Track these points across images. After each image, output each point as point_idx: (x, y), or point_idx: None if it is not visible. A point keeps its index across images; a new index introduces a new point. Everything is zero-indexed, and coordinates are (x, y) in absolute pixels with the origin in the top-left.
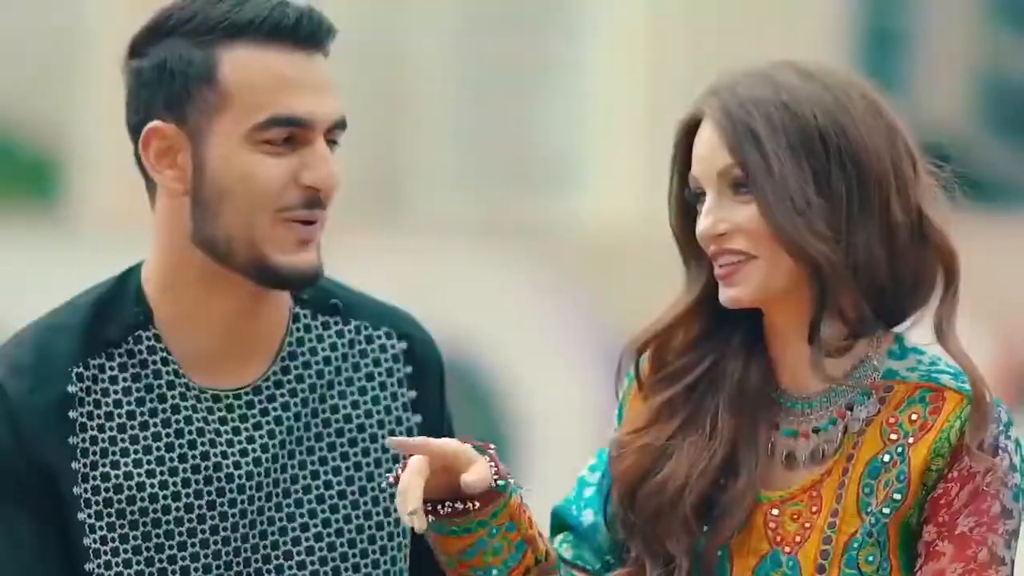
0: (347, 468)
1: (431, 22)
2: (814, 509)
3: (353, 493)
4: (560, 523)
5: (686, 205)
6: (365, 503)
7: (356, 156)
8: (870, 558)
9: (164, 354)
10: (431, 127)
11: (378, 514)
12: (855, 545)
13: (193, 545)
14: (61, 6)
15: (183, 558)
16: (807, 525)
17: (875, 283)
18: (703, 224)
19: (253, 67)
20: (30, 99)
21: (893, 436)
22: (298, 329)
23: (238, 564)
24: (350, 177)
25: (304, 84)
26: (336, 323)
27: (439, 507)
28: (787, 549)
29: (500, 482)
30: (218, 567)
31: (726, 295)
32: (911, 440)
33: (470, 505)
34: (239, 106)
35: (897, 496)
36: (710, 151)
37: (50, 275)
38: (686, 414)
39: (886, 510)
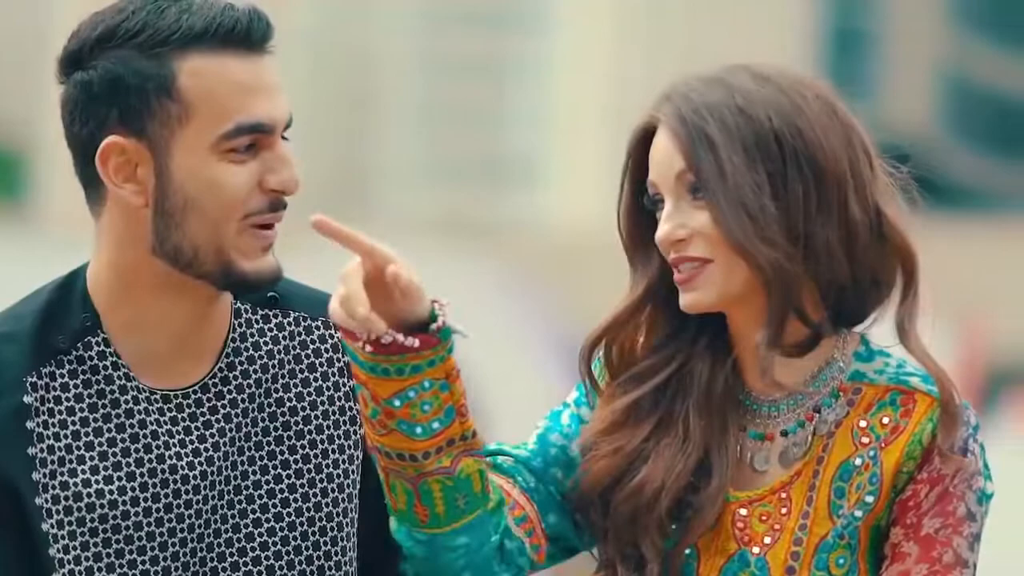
0: (295, 461)
1: (396, 20)
2: (783, 511)
3: (303, 485)
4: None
5: (636, 211)
6: (315, 495)
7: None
8: (840, 560)
9: (114, 358)
10: (396, 126)
11: (327, 505)
12: (826, 547)
13: (152, 548)
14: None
15: (143, 562)
16: (777, 527)
17: (835, 283)
18: (662, 230)
19: (211, 76)
20: None
21: (865, 439)
22: (240, 325)
23: (195, 564)
24: (315, 175)
25: (261, 88)
26: (275, 315)
27: (381, 338)
28: (756, 550)
29: (445, 328)
30: (176, 569)
31: (685, 300)
32: (883, 443)
33: (410, 341)
34: (202, 117)
35: (869, 499)
36: (666, 157)
37: (16, 273)
38: (658, 416)
39: (858, 513)
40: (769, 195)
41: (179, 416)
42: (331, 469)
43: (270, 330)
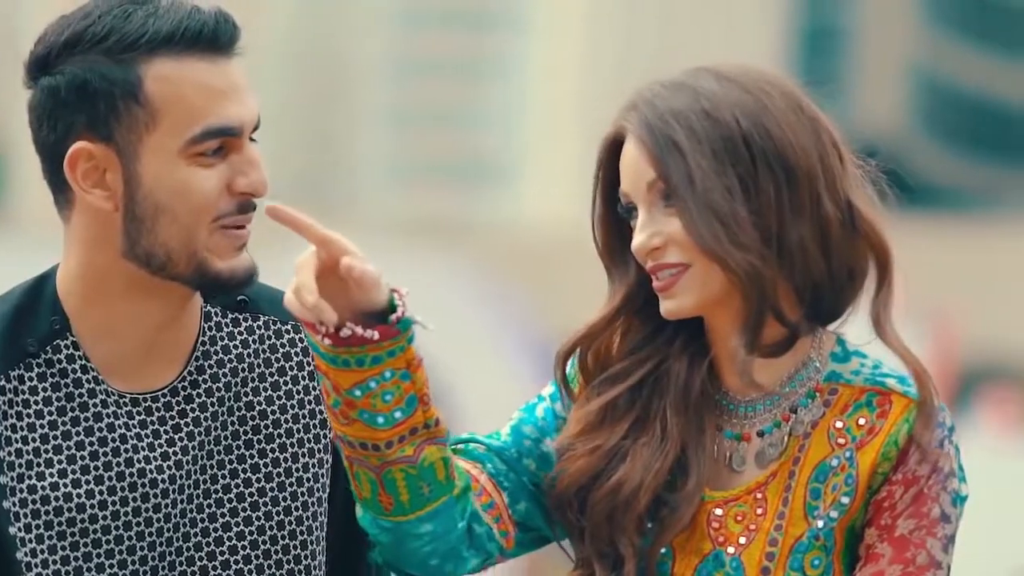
0: (265, 465)
1: (369, 21)
2: (759, 511)
3: (272, 489)
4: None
5: (611, 220)
6: (284, 499)
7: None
8: (815, 562)
9: (83, 362)
10: (369, 126)
11: (297, 509)
12: (801, 548)
13: (120, 552)
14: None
15: (111, 566)
16: (752, 527)
17: (811, 280)
18: (638, 240)
19: (178, 80)
20: None
21: (841, 440)
22: (210, 328)
23: (164, 568)
24: (289, 175)
25: (229, 91)
26: (246, 319)
27: (339, 331)
28: (731, 550)
29: (405, 319)
30: (145, 572)
31: (665, 307)
32: (859, 444)
33: (369, 333)
34: (170, 122)
35: (845, 500)
36: (636, 166)
37: None
38: (635, 416)
39: (834, 514)
40: (740, 198)
41: (148, 420)
42: (301, 473)
43: (240, 334)
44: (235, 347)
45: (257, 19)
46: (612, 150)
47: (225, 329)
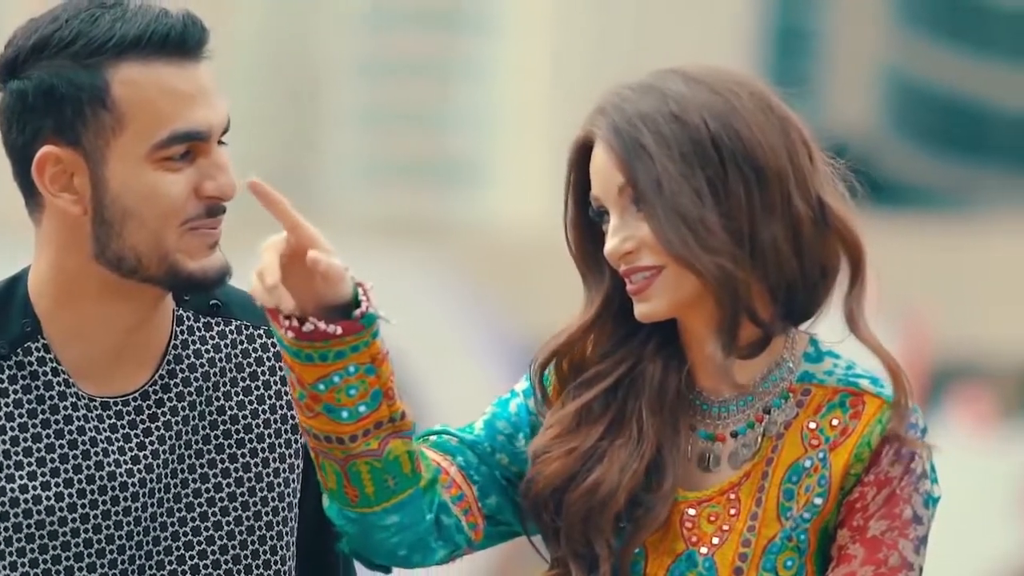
0: (236, 470)
1: (340, 22)
2: (732, 512)
3: (243, 494)
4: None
5: (583, 224)
6: (255, 504)
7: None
8: (788, 563)
9: (54, 364)
10: (340, 127)
11: (267, 514)
12: (774, 549)
13: (89, 556)
14: None
15: (80, 569)
16: (725, 527)
17: (785, 280)
18: (610, 244)
19: (145, 85)
20: None
21: (814, 441)
22: (182, 332)
23: (133, 572)
24: (260, 176)
25: (197, 95)
26: (218, 323)
27: (302, 326)
28: (703, 550)
29: (369, 314)
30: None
31: (639, 311)
32: (832, 445)
33: (332, 328)
34: (136, 126)
35: (818, 501)
36: (605, 172)
37: None
38: (610, 417)
39: (807, 515)
40: (710, 200)
41: (119, 423)
42: (271, 478)
43: (212, 338)
44: (207, 351)
45: (228, 21)
46: (581, 154)
47: (197, 333)
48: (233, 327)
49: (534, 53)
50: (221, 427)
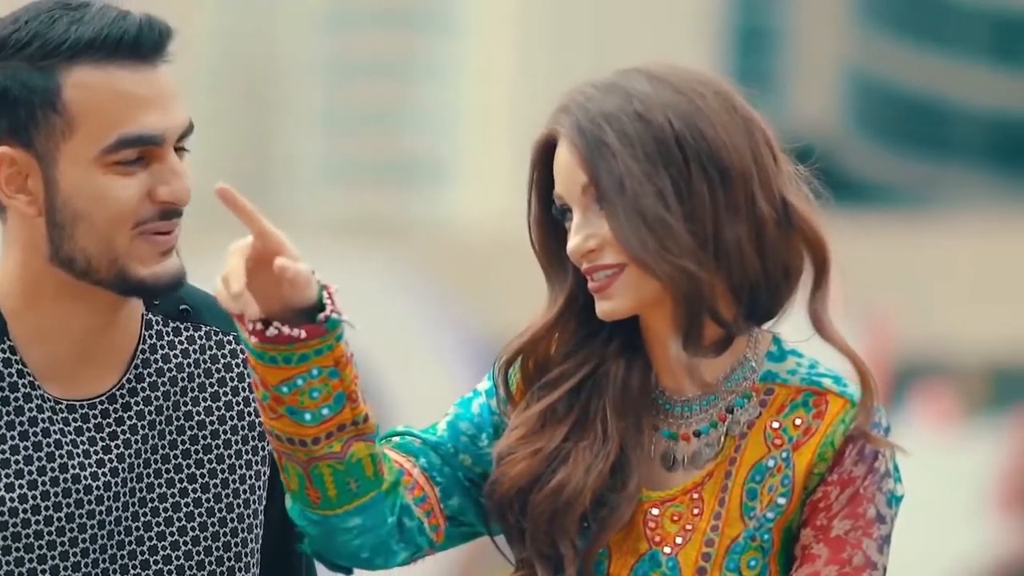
0: (202, 475)
1: (302, 23)
2: (695, 511)
3: (208, 500)
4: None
5: (547, 222)
6: (220, 510)
7: (228, 156)
8: (752, 562)
9: (20, 366)
10: (303, 127)
11: (233, 520)
12: (737, 549)
13: (53, 558)
14: None
15: (43, 571)
16: (688, 527)
17: (748, 280)
18: (573, 242)
19: (96, 88)
20: None
21: (777, 441)
22: (151, 336)
23: (97, 575)
24: (222, 176)
25: (152, 99)
26: (187, 328)
27: (266, 329)
28: (667, 550)
29: (333, 318)
30: None
31: (601, 309)
32: (795, 445)
33: (296, 332)
34: (86, 130)
35: (781, 501)
36: (569, 170)
37: None
38: (574, 418)
39: (770, 515)
40: (674, 200)
41: (84, 426)
42: (238, 485)
43: (181, 343)
44: (175, 356)
45: (190, 22)
46: (545, 152)
47: (166, 338)
48: (203, 332)
49: (496, 53)
50: (188, 432)
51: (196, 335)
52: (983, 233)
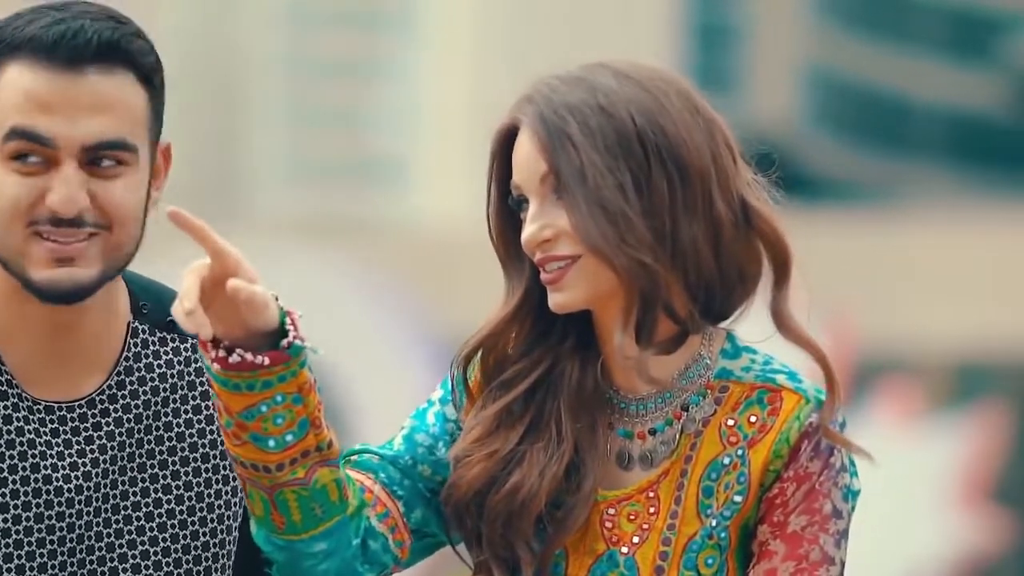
0: (177, 487)
1: (262, 22)
2: (651, 510)
3: (182, 512)
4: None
5: (505, 212)
6: (193, 523)
7: (188, 155)
8: (709, 560)
9: None
10: (263, 126)
11: (205, 535)
12: (694, 547)
13: (19, 557)
14: None
15: (8, 570)
16: (645, 526)
17: (702, 280)
18: (528, 231)
19: (15, 84)
20: None
21: (732, 438)
22: (135, 344)
23: None
24: (183, 176)
25: (56, 104)
26: (173, 340)
27: (229, 356)
28: (624, 549)
29: (296, 344)
30: None
31: (553, 300)
32: (751, 442)
33: (259, 359)
34: None
35: (738, 498)
36: (529, 159)
37: None
38: (529, 419)
39: (727, 512)
40: (633, 195)
41: (61, 429)
42: (212, 499)
43: (166, 353)
44: (159, 366)
45: (152, 22)
46: (506, 141)
47: (151, 347)
48: (188, 345)
49: (456, 52)
50: (167, 443)
51: (182, 347)
52: (945, 229)
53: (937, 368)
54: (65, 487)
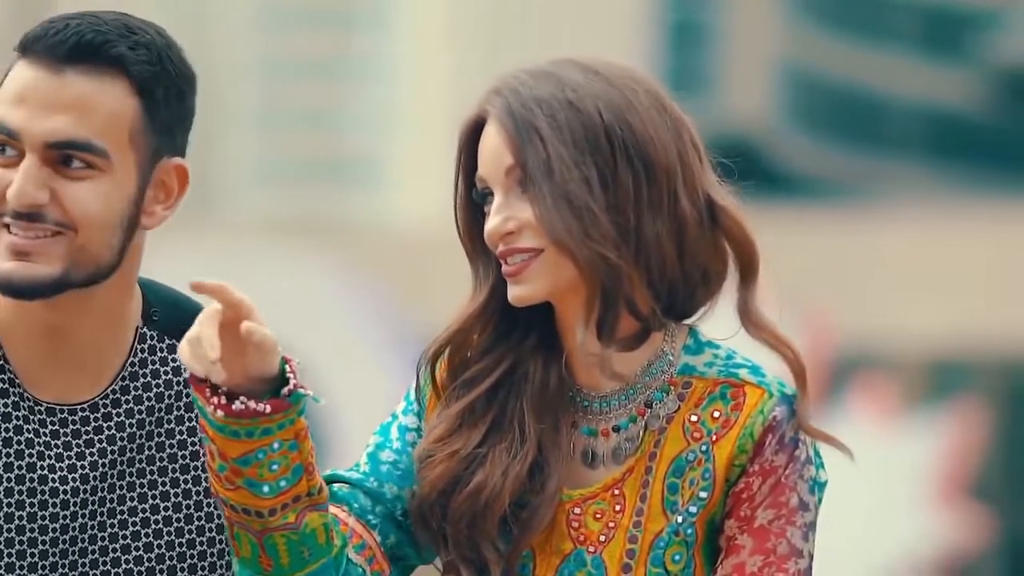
0: (175, 495)
1: (235, 22)
2: (617, 508)
3: (179, 520)
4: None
5: (472, 206)
6: (190, 532)
7: None
8: (676, 557)
9: (1, 362)
10: (237, 127)
11: (203, 544)
12: (661, 544)
13: (10, 556)
14: None
15: None
16: (611, 524)
17: (665, 277)
18: (491, 223)
19: (7, 80)
20: None
21: (696, 434)
22: (143, 350)
23: None
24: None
25: (25, 98)
26: None
27: (232, 403)
28: (591, 548)
29: (297, 392)
30: None
31: (513, 293)
32: (715, 437)
33: (262, 407)
34: None
35: (703, 494)
36: (495, 152)
37: None
38: (492, 418)
39: (693, 509)
40: (599, 190)
41: (62, 431)
42: (211, 509)
43: (174, 360)
44: (165, 372)
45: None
46: (473, 133)
47: (159, 353)
48: None
49: (430, 51)
50: (168, 449)
51: None
52: (921, 226)
53: (914, 365)
54: (61, 488)
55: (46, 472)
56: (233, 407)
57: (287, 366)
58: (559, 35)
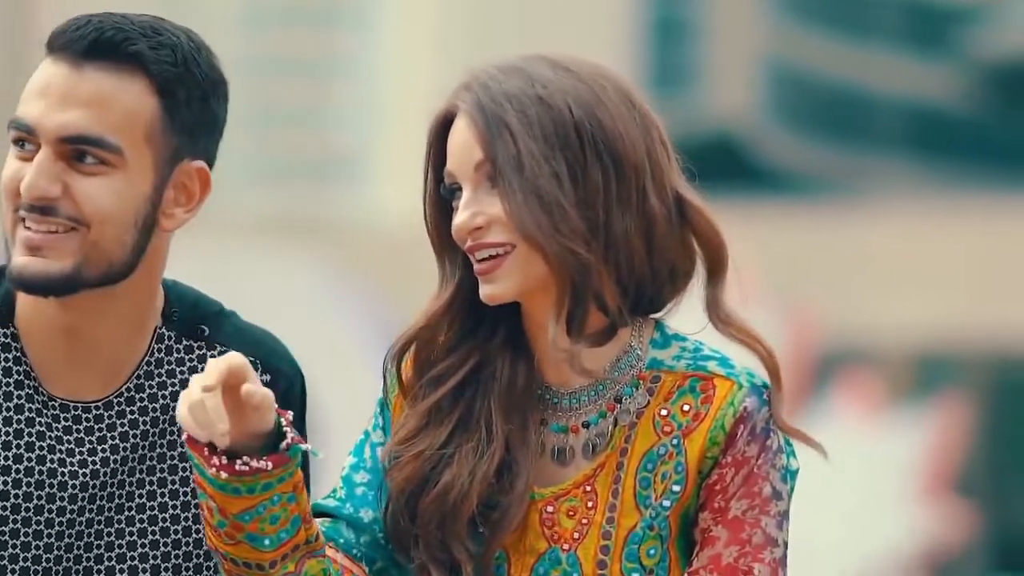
0: (184, 494)
1: (219, 21)
2: (590, 504)
3: (187, 520)
4: (328, 516)
5: (441, 201)
6: (198, 531)
7: None
8: (651, 551)
9: (18, 354)
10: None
11: (206, 544)
12: (635, 539)
13: (14, 547)
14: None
15: (1, 558)
16: (584, 521)
17: (634, 274)
18: (460, 218)
19: (34, 75)
20: None
21: (667, 428)
22: (160, 350)
23: (57, 573)
24: None
25: (46, 93)
26: (200, 347)
27: (234, 463)
28: (565, 546)
29: (295, 446)
30: (35, 573)
31: (485, 291)
32: (685, 431)
33: (264, 464)
34: None
35: (676, 488)
36: (464, 147)
37: None
38: (458, 417)
39: (666, 503)
40: (568, 185)
41: (75, 427)
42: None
43: (190, 360)
44: (181, 372)
45: None
46: (443, 128)
47: (176, 353)
48: (216, 352)
49: (414, 48)
50: (179, 449)
51: (208, 354)
52: (905, 221)
53: (898, 360)
54: (70, 483)
55: (56, 466)
56: (236, 467)
57: (283, 420)
58: (543, 33)
